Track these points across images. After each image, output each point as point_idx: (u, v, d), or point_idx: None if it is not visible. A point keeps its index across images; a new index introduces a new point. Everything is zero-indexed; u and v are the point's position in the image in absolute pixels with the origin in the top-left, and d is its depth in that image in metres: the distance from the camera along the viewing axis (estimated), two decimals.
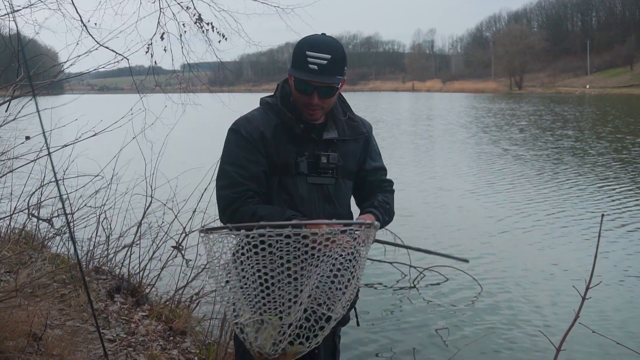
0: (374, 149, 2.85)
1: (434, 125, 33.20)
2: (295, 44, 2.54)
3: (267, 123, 2.57)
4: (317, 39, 2.49)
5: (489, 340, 5.71)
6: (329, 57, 2.42)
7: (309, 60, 2.41)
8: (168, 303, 5.35)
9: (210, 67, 9.42)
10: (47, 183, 5.77)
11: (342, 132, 2.66)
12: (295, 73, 2.46)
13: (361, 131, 2.74)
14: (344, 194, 2.72)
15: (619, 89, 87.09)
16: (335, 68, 2.45)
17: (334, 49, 2.45)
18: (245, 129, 2.55)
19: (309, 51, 2.42)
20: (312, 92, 2.47)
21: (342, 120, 2.69)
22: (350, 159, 2.70)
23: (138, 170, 6.02)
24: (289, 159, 2.55)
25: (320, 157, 2.58)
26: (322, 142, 2.61)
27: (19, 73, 3.81)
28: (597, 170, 15.74)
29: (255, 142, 2.53)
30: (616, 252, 8.37)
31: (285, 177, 2.57)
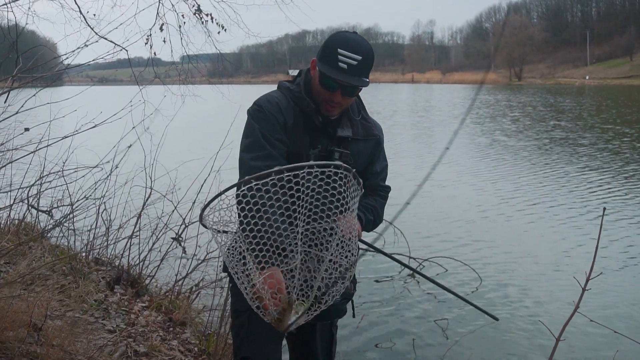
0: (382, 152, 2.87)
1: (428, 117, 33.18)
2: (326, 38, 2.52)
3: (288, 108, 2.57)
4: (351, 37, 2.47)
5: (489, 331, 5.72)
6: (360, 59, 2.41)
7: (340, 59, 2.40)
8: (168, 294, 5.36)
9: (210, 58, 9.40)
10: (47, 174, 5.77)
11: (356, 132, 2.68)
12: (323, 68, 2.45)
13: (373, 133, 2.76)
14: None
15: (618, 80, 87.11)
16: (364, 70, 2.45)
17: (365, 51, 2.44)
18: (270, 108, 2.55)
19: (341, 49, 2.41)
20: (337, 89, 2.47)
21: (356, 119, 2.70)
22: (360, 159, 2.71)
23: (137, 162, 6.02)
24: (302, 149, 2.57)
25: (333, 152, 2.59)
26: (336, 138, 2.62)
27: (17, 64, 3.80)
28: (599, 163, 15.73)
29: (279, 124, 2.53)
30: (617, 244, 8.36)
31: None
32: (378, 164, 2.83)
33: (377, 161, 2.82)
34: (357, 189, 2.39)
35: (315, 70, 2.53)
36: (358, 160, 2.68)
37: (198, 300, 5.58)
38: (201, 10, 7.82)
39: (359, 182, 2.39)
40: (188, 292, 5.51)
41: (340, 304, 2.59)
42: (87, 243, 6.11)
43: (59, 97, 4.27)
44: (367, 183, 2.75)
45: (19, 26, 4.38)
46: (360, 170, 2.68)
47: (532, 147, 19.27)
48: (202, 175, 5.63)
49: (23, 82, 3.90)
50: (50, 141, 4.43)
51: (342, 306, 2.64)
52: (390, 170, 2.96)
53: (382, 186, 2.89)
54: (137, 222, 5.82)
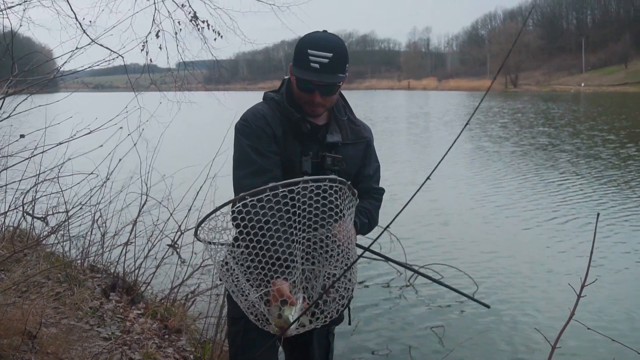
0: (374, 154, 2.85)
1: (418, 123, 33.30)
2: (296, 42, 2.51)
3: (275, 119, 2.56)
4: (319, 37, 2.47)
5: (485, 338, 5.72)
6: (331, 56, 2.41)
7: (311, 59, 2.40)
8: (163, 301, 5.35)
9: (206, 65, 9.41)
10: (42, 181, 5.74)
11: (345, 136, 2.66)
12: (297, 72, 2.46)
13: (363, 135, 2.75)
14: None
15: (613, 87, 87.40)
16: (337, 66, 2.45)
17: (335, 47, 2.44)
18: (256, 121, 2.54)
19: (311, 49, 2.41)
20: (314, 90, 2.47)
21: (344, 122, 2.69)
22: (351, 163, 2.69)
23: (133, 169, 6.00)
24: (294, 157, 2.55)
25: (325, 158, 2.57)
26: (326, 144, 2.61)
27: (12, 70, 3.79)
28: (593, 169, 15.77)
29: (268, 136, 2.52)
30: (612, 250, 8.39)
31: (289, 176, 2.49)
32: (370, 167, 2.81)
33: (369, 164, 2.81)
34: (352, 200, 2.41)
35: (292, 77, 2.53)
36: (349, 164, 2.67)
37: (194, 308, 5.57)
38: (197, 17, 7.82)
39: (353, 194, 2.41)
40: (184, 299, 5.49)
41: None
42: (82, 250, 6.09)
43: (54, 102, 4.26)
44: (361, 186, 2.76)
45: (14, 32, 4.38)
46: (352, 174, 2.70)
47: (523, 153, 19.30)
48: (198, 182, 5.62)
49: (18, 89, 3.89)
50: (46, 147, 4.41)
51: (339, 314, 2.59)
52: (386, 177, 2.95)
53: (376, 188, 2.87)
54: (133, 229, 5.80)
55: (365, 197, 2.80)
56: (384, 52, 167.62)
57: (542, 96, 70.60)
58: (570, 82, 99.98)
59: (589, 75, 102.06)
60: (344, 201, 2.33)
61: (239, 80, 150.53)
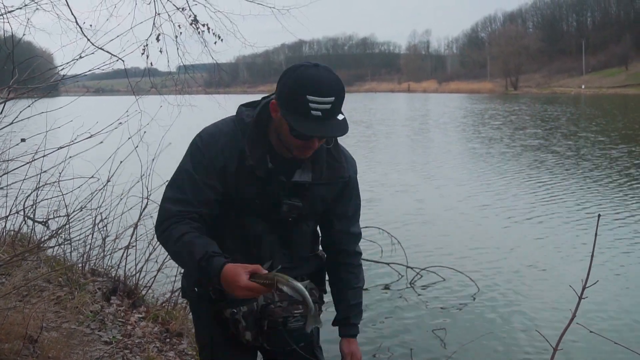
0: (354, 191, 2.50)
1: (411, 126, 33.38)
2: (286, 79, 2.10)
3: (232, 150, 2.24)
4: (317, 79, 2.06)
5: (486, 340, 5.71)
6: (333, 100, 2.05)
7: (312, 107, 2.03)
8: (164, 305, 5.34)
9: (206, 68, 9.41)
10: (43, 185, 5.75)
11: (318, 175, 2.32)
12: (294, 120, 2.07)
13: (341, 175, 2.39)
14: (305, 235, 2.47)
15: (614, 89, 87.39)
16: (339, 107, 2.10)
17: (336, 87, 2.08)
18: (208, 151, 2.25)
19: (311, 95, 2.02)
20: (312, 137, 2.14)
21: (322, 155, 2.32)
22: (319, 204, 2.39)
23: (134, 172, 6.00)
24: (247, 198, 2.28)
25: (282, 204, 2.29)
26: (291, 184, 2.29)
27: (13, 75, 3.79)
28: (595, 171, 15.78)
29: (215, 170, 2.23)
30: (613, 252, 8.38)
31: (242, 214, 2.32)
32: (348, 205, 2.49)
33: (347, 202, 2.48)
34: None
35: (278, 116, 2.15)
36: (317, 205, 2.38)
37: None
38: (198, 20, 7.82)
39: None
40: (185, 302, 5.49)
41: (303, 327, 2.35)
42: (83, 254, 6.08)
43: (55, 108, 4.26)
44: (337, 228, 2.50)
45: (16, 37, 4.38)
46: (319, 212, 2.44)
47: (527, 155, 19.30)
48: None
49: (19, 93, 3.89)
50: (47, 151, 4.42)
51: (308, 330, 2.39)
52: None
53: (354, 234, 2.56)
54: (134, 232, 5.80)
55: (343, 266, 2.58)
56: (384, 54, 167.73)
57: (542, 98, 70.63)
58: (571, 84, 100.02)
59: (589, 77, 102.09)
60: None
61: (239, 83, 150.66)
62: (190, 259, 2.11)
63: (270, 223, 2.33)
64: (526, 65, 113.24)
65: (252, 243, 2.35)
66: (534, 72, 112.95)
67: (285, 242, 2.40)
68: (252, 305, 2.28)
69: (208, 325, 2.44)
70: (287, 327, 2.32)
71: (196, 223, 2.20)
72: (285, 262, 2.35)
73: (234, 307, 2.30)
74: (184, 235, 2.14)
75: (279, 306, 2.30)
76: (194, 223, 2.19)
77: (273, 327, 2.31)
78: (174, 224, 2.19)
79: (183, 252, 2.14)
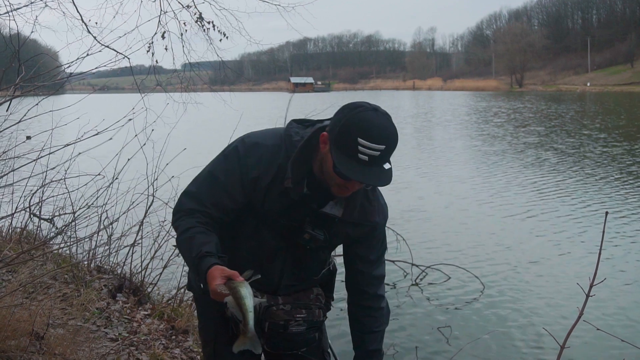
0: (381, 238, 2.45)
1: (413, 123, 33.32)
2: (344, 117, 2.04)
3: (270, 165, 2.20)
4: (375, 123, 2.00)
5: (492, 337, 5.70)
6: (384, 148, 1.99)
7: (360, 149, 1.98)
8: (170, 302, 5.35)
9: (211, 66, 9.41)
10: (49, 182, 5.76)
11: (349, 214, 2.28)
12: (339, 159, 2.02)
13: (369, 218, 2.34)
14: (318, 261, 2.45)
15: (619, 87, 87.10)
16: (387, 156, 2.03)
17: (390, 137, 2.01)
18: (247, 158, 2.21)
19: (363, 138, 1.97)
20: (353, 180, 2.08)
21: (357, 196, 2.28)
22: (341, 238, 2.36)
23: (140, 169, 6.01)
24: (272, 214, 2.26)
25: (304, 232, 2.26)
26: (320, 213, 2.25)
27: (19, 73, 3.80)
28: (605, 169, 15.73)
29: (245, 180, 2.21)
30: (621, 249, 8.36)
31: (263, 228, 2.30)
32: (374, 251, 2.43)
33: (373, 247, 2.43)
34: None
35: (326, 149, 2.11)
36: (337, 240, 2.36)
37: None
38: (203, 18, 7.82)
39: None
40: (190, 299, 5.49)
41: (307, 332, 2.40)
42: (89, 251, 6.09)
43: (60, 106, 4.27)
44: (360, 272, 2.45)
45: (22, 35, 4.39)
46: (338, 244, 2.42)
47: (538, 153, 19.26)
48: None
49: (25, 91, 3.90)
50: (52, 149, 4.43)
51: (310, 335, 2.43)
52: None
53: (377, 277, 2.49)
54: (139, 229, 5.81)
55: (362, 309, 2.49)
56: (389, 52, 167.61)
57: (547, 96, 70.44)
58: (576, 82, 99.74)
59: (594, 75, 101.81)
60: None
61: (244, 80, 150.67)
62: (188, 254, 2.16)
63: (288, 243, 2.31)
64: (531, 63, 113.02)
65: (266, 257, 2.33)
66: (539, 70, 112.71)
67: (297, 264, 2.37)
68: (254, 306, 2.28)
69: (212, 321, 2.44)
70: (288, 330, 2.33)
71: (206, 219, 2.22)
72: (295, 281, 2.38)
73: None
74: (189, 230, 2.17)
75: (281, 309, 2.30)
76: (203, 219, 2.21)
77: (274, 329, 2.31)
78: (184, 216, 2.23)
79: (184, 245, 2.18)
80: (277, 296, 2.37)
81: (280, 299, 2.33)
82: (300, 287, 2.41)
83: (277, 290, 2.37)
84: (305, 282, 2.44)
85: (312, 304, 2.40)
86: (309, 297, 2.41)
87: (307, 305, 2.38)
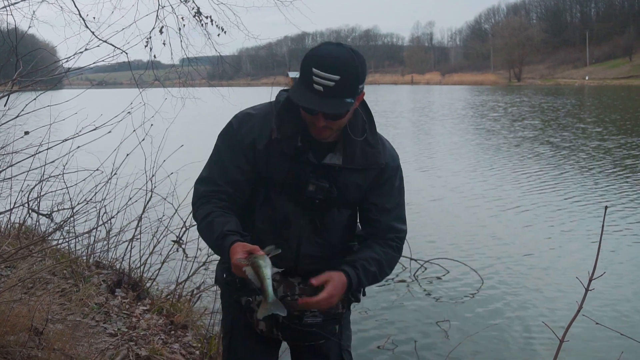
0: (394, 184, 2.38)
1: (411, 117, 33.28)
2: (306, 53, 2.09)
3: (263, 128, 2.24)
4: (328, 53, 2.03)
5: (491, 332, 5.71)
6: (338, 79, 1.98)
7: (314, 80, 1.99)
8: (169, 297, 5.35)
9: (210, 61, 9.41)
10: (47, 178, 5.75)
11: (350, 160, 2.25)
12: (298, 95, 2.06)
13: (375, 161, 2.29)
14: (337, 223, 2.35)
15: (618, 80, 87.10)
16: (345, 90, 2.02)
17: (346, 68, 2.01)
18: (240, 128, 2.26)
19: (316, 68, 1.99)
20: (317, 113, 2.09)
21: (356, 142, 2.25)
22: (352, 190, 2.30)
23: (138, 165, 6.00)
24: (277, 176, 2.24)
25: (308, 185, 2.22)
26: (322, 166, 2.24)
27: (17, 68, 3.79)
28: (601, 162, 15.73)
29: (244, 148, 2.24)
30: (620, 243, 8.37)
31: (271, 193, 2.28)
32: (388, 198, 2.36)
33: (386, 194, 2.35)
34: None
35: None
36: (350, 191, 2.29)
37: (199, 303, 5.57)
38: (201, 12, 7.81)
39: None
40: (189, 295, 5.50)
41: (324, 324, 2.34)
42: (87, 246, 6.09)
43: (58, 101, 4.26)
44: (377, 222, 2.37)
45: (19, 30, 4.38)
46: (355, 200, 2.35)
47: (533, 147, 19.26)
48: None
49: (23, 86, 3.89)
50: (51, 144, 4.41)
51: (327, 326, 2.36)
52: None
53: (396, 229, 2.40)
54: (138, 225, 5.81)
55: (380, 242, 2.37)
56: (387, 46, 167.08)
57: (545, 90, 70.40)
58: (575, 76, 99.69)
59: (593, 69, 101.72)
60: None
61: (243, 75, 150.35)
62: (210, 238, 2.21)
63: (300, 206, 2.27)
64: (530, 57, 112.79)
65: (281, 225, 2.29)
66: (537, 64, 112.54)
67: (316, 229, 2.31)
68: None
69: (230, 315, 2.46)
70: (303, 321, 2.29)
71: (224, 202, 2.26)
72: (316, 250, 2.31)
73: (249, 295, 2.29)
74: (208, 216, 2.22)
75: (296, 299, 2.25)
76: (220, 202, 2.26)
77: (289, 320, 2.28)
78: (202, 204, 2.27)
79: (206, 231, 2.23)
80: (297, 276, 2.29)
81: (296, 288, 2.27)
82: (322, 258, 2.32)
83: (297, 263, 2.31)
84: (327, 251, 2.34)
85: None
86: None
87: None
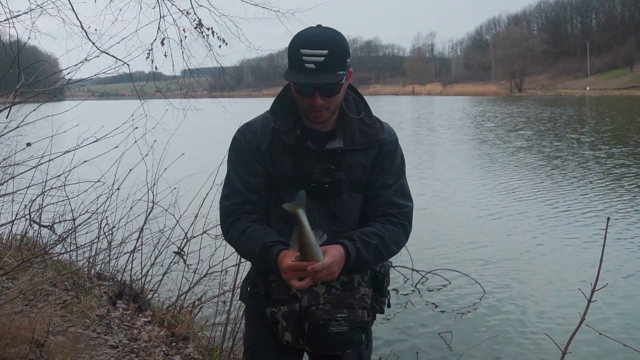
0: (395, 159, 2.41)
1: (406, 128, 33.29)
2: (290, 41, 2.20)
3: (264, 130, 2.33)
4: (311, 33, 2.19)
5: (493, 343, 5.68)
6: (326, 53, 2.11)
7: (305, 59, 2.11)
8: (170, 308, 5.34)
9: (211, 72, 9.42)
10: (49, 189, 5.76)
11: (350, 141, 2.31)
12: (291, 76, 2.17)
13: (375, 138, 2.35)
14: (351, 208, 2.35)
15: (619, 91, 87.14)
16: (336, 63, 2.14)
17: (331, 42, 2.15)
18: (244, 136, 2.34)
19: (304, 48, 2.12)
20: (314, 92, 2.17)
21: (354, 123, 2.34)
22: (358, 171, 2.33)
23: (139, 176, 6.01)
24: (284, 172, 2.30)
25: (313, 171, 2.27)
26: (324, 152, 2.29)
27: (19, 79, 3.80)
28: (604, 174, 15.72)
29: (252, 152, 2.31)
30: (622, 254, 8.35)
31: (282, 192, 2.30)
32: (388, 174, 2.38)
33: (387, 170, 2.38)
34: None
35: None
36: (356, 172, 2.33)
37: (201, 315, 5.56)
38: (202, 24, 7.82)
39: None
40: (191, 306, 5.48)
41: (350, 332, 2.27)
42: (89, 258, 6.09)
43: (60, 112, 4.28)
44: (378, 199, 2.36)
45: (21, 42, 4.39)
46: (363, 181, 2.36)
47: (539, 159, 19.26)
48: (204, 189, 5.61)
49: (25, 98, 3.90)
50: (52, 156, 4.43)
51: (354, 335, 2.29)
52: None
53: (396, 204, 2.38)
54: (139, 236, 5.80)
55: (380, 219, 2.34)
56: (388, 57, 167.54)
57: (546, 100, 70.49)
58: (576, 86, 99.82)
59: (594, 79, 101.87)
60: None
61: (244, 87, 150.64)
62: (253, 254, 2.21)
63: (311, 197, 2.21)
64: (531, 67, 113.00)
65: (294, 219, 2.22)
66: (538, 74, 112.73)
67: (331, 216, 2.32)
68: (294, 306, 2.23)
69: (254, 330, 2.44)
70: (329, 330, 2.25)
71: (254, 215, 2.29)
72: (334, 240, 2.22)
73: (274, 306, 2.27)
74: (244, 232, 2.23)
75: (321, 309, 2.23)
76: (251, 216, 2.28)
77: (314, 329, 2.24)
78: (234, 222, 2.28)
79: (246, 248, 2.24)
80: (322, 285, 2.23)
81: (321, 297, 2.24)
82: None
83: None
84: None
85: (355, 303, 2.28)
86: (354, 297, 2.30)
87: (349, 304, 2.27)
